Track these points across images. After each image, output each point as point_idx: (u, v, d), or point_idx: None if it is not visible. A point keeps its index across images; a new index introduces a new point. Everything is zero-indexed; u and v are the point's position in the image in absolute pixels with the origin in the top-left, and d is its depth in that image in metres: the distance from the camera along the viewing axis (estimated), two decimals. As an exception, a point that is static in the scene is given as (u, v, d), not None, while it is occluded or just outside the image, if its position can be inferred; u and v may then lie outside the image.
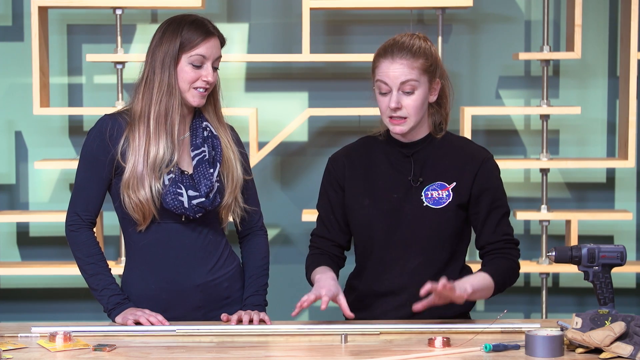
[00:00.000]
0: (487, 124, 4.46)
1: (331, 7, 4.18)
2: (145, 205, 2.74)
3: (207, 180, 2.79)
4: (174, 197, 2.74)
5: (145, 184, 2.73)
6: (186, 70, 2.76)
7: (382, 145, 2.90)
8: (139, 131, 2.76)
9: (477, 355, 2.39)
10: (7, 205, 4.47)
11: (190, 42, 2.76)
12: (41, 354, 2.42)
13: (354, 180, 2.88)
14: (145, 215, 2.76)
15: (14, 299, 4.51)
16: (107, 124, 2.79)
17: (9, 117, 4.45)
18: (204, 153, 2.81)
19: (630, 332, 2.35)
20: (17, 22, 4.43)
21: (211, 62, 2.78)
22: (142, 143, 2.75)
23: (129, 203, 2.75)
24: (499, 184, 2.86)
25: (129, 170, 2.74)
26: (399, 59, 2.77)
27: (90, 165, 2.79)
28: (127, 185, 2.74)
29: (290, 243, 4.45)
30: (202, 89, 2.78)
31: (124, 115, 2.81)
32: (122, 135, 2.77)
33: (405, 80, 2.76)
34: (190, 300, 2.82)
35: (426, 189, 2.82)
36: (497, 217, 2.82)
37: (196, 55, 2.76)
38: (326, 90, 4.46)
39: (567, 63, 4.45)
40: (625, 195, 4.51)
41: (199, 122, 2.85)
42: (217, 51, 2.80)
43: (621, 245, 2.51)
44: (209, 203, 2.78)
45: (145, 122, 2.76)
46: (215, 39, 2.80)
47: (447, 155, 2.85)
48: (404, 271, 2.82)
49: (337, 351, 2.44)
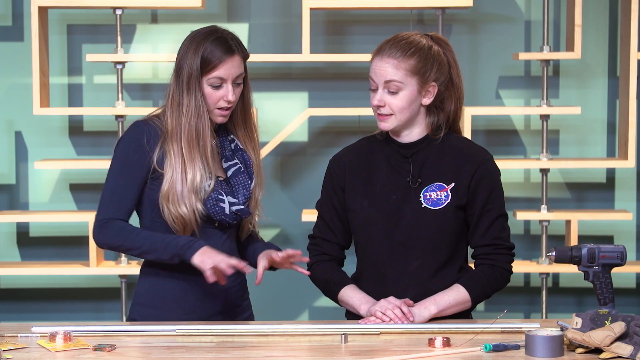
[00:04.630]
0: (487, 124, 4.46)
1: (331, 7, 4.18)
2: (187, 220, 2.73)
3: (245, 190, 2.81)
4: (215, 203, 2.75)
5: (186, 202, 2.71)
6: (207, 92, 2.75)
7: (381, 146, 2.89)
8: (173, 147, 2.74)
9: (477, 355, 2.39)
10: (7, 205, 4.47)
11: (209, 63, 2.73)
12: (41, 354, 2.41)
13: (354, 181, 2.88)
14: (186, 228, 2.74)
15: (14, 299, 4.51)
16: (143, 130, 2.77)
17: (9, 117, 4.45)
18: (238, 165, 2.83)
19: (630, 332, 2.35)
20: (17, 22, 4.43)
21: (230, 82, 2.76)
22: (178, 161, 2.73)
23: (168, 215, 2.73)
24: (495, 186, 2.83)
25: (167, 183, 2.72)
26: (387, 57, 2.76)
27: (126, 171, 2.76)
28: (167, 198, 2.72)
29: (290, 243, 4.45)
30: (224, 108, 2.78)
31: (156, 121, 2.79)
32: (157, 142, 2.75)
33: (389, 80, 2.75)
34: (213, 304, 2.82)
35: (425, 190, 2.82)
36: (489, 220, 2.81)
37: (214, 77, 2.74)
38: (326, 90, 4.46)
39: (567, 63, 4.45)
40: (625, 195, 4.51)
41: (224, 135, 2.86)
42: (237, 70, 2.76)
43: (621, 245, 2.51)
44: (246, 212, 2.80)
45: (178, 141, 2.75)
46: (235, 58, 2.76)
47: (446, 156, 2.84)
48: (403, 273, 2.82)
49: (337, 351, 2.44)
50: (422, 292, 2.77)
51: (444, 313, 2.75)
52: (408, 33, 2.83)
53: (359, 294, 2.80)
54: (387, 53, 2.77)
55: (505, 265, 2.82)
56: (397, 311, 2.66)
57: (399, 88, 2.76)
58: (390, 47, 2.77)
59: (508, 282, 2.85)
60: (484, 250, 2.82)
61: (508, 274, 2.84)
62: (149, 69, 4.42)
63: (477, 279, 2.80)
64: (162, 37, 4.39)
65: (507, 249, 2.83)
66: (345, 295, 2.82)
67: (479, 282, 2.79)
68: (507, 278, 2.84)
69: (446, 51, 2.86)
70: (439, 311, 2.73)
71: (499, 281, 2.82)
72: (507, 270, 2.83)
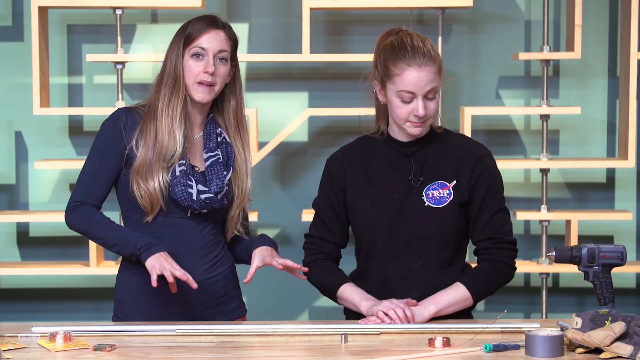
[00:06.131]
0: (487, 124, 4.46)
1: (331, 7, 4.18)
2: (154, 195, 2.75)
3: (219, 180, 2.81)
4: (183, 188, 2.76)
5: (154, 174, 2.75)
6: (189, 64, 2.78)
7: (380, 145, 2.89)
8: (150, 124, 2.79)
9: (477, 355, 2.39)
10: (7, 205, 4.47)
11: (191, 34, 2.78)
12: (41, 354, 2.42)
13: (354, 181, 2.88)
14: (154, 205, 2.77)
15: (14, 299, 4.51)
16: (121, 116, 2.81)
17: (9, 117, 4.45)
18: (217, 156, 2.84)
19: (630, 332, 2.35)
20: (17, 22, 4.43)
21: (212, 54, 2.78)
22: (152, 134, 2.77)
23: (137, 190, 2.76)
24: (494, 181, 2.84)
25: (140, 158, 2.76)
26: (425, 66, 2.74)
27: (100, 155, 2.80)
28: (137, 172, 2.75)
29: (290, 243, 4.45)
30: (205, 83, 2.78)
31: (139, 110, 2.83)
32: (135, 127, 2.79)
33: (432, 88, 2.76)
34: (188, 297, 2.82)
35: (427, 189, 2.82)
36: (488, 214, 2.81)
37: (195, 47, 2.78)
38: (326, 90, 4.46)
39: (567, 63, 4.45)
40: (625, 195, 4.51)
41: (212, 128, 2.87)
42: (220, 44, 2.79)
43: (621, 245, 2.51)
44: (217, 201, 2.80)
45: (155, 114, 2.79)
46: (218, 32, 2.80)
47: (446, 153, 2.85)
48: (408, 272, 2.82)
49: (337, 351, 2.44)
50: (427, 291, 2.78)
51: (445, 312, 2.75)
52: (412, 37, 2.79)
53: (359, 291, 2.81)
54: (423, 62, 2.74)
55: (505, 260, 2.81)
56: (399, 312, 2.66)
57: (437, 92, 2.78)
58: (422, 57, 2.75)
59: (511, 277, 2.84)
60: (483, 245, 2.82)
61: (510, 269, 2.83)
62: (149, 69, 4.42)
63: (477, 276, 2.80)
64: (162, 37, 4.39)
65: (508, 243, 2.82)
66: (344, 293, 2.82)
67: (479, 279, 2.79)
68: (509, 273, 2.83)
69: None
70: (439, 310, 2.74)
71: (501, 277, 2.81)
72: (508, 265, 2.82)
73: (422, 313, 2.72)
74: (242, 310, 2.96)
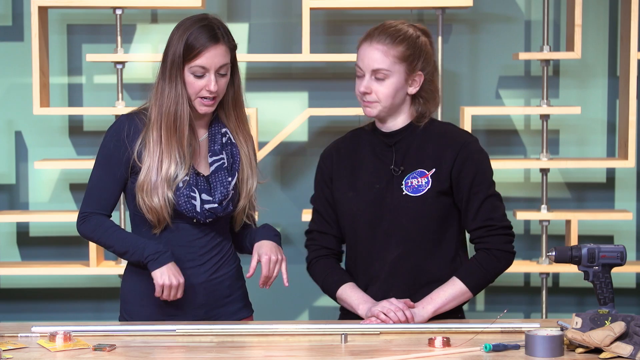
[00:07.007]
0: (487, 124, 4.46)
1: (331, 7, 4.18)
2: (160, 212, 2.75)
3: (223, 187, 2.80)
4: (187, 200, 2.75)
5: (158, 192, 2.73)
6: (189, 80, 2.75)
7: (368, 136, 2.90)
8: (153, 136, 2.76)
9: (477, 355, 2.39)
10: (7, 205, 4.47)
11: (191, 51, 2.73)
12: (41, 354, 2.41)
13: (340, 173, 2.89)
14: (160, 221, 2.77)
15: (14, 299, 4.51)
16: (124, 124, 2.79)
17: (9, 117, 4.45)
18: (222, 160, 2.82)
19: (630, 332, 2.35)
20: (17, 22, 4.43)
21: (213, 71, 2.74)
22: (156, 151, 2.75)
23: (142, 205, 2.75)
24: (481, 167, 2.79)
25: (143, 174, 2.75)
26: (376, 44, 2.75)
27: (106, 165, 2.79)
28: (142, 188, 2.75)
29: (290, 243, 4.45)
30: (207, 98, 2.77)
31: (141, 115, 2.80)
32: (139, 135, 2.77)
33: (377, 69, 2.75)
34: (192, 299, 2.82)
35: (407, 178, 2.80)
36: (477, 202, 2.77)
37: (196, 66, 2.73)
38: (326, 90, 4.46)
39: (567, 63, 4.45)
40: (625, 195, 4.50)
41: (217, 128, 2.85)
42: (221, 59, 2.74)
43: (621, 245, 2.51)
44: (221, 210, 2.80)
45: (158, 129, 2.76)
46: (219, 47, 2.74)
47: (429, 142, 2.82)
48: (385, 262, 2.80)
49: (337, 351, 2.44)
50: (411, 281, 2.77)
51: (445, 309, 2.73)
52: (396, 21, 2.82)
53: (358, 293, 2.80)
54: (376, 40, 2.76)
55: (500, 246, 2.77)
56: (399, 314, 2.66)
57: (387, 76, 2.75)
58: (379, 34, 2.76)
59: (510, 262, 2.80)
60: (477, 234, 2.79)
61: (507, 254, 2.78)
62: (149, 69, 4.42)
63: (472, 268, 2.77)
64: (162, 37, 4.39)
65: (502, 228, 2.78)
66: (343, 294, 2.82)
67: (474, 270, 2.77)
68: (507, 259, 2.78)
69: (430, 42, 2.85)
70: (438, 308, 2.73)
71: (497, 264, 2.78)
72: (504, 250, 2.78)
73: (421, 313, 2.71)
74: (248, 310, 2.95)
